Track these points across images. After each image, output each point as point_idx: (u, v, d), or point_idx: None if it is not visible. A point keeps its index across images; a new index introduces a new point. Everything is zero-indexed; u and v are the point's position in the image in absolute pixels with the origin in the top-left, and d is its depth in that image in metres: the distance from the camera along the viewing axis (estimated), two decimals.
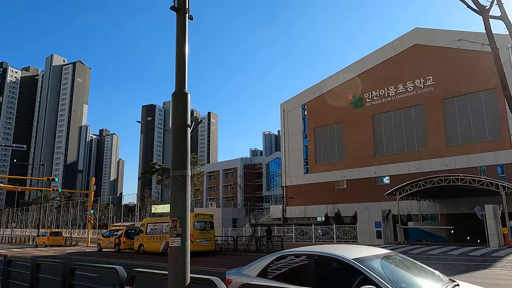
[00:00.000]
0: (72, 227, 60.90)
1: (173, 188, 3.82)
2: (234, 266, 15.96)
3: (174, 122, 4.00)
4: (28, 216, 78.61)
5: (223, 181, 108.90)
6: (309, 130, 44.56)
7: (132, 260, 20.19)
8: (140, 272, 4.63)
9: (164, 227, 23.68)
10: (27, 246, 40.70)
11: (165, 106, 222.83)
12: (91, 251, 29.09)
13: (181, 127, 3.95)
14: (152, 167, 54.13)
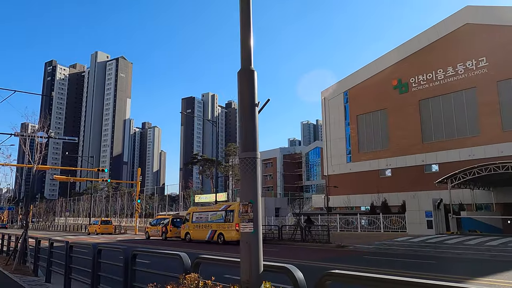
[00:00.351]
0: (120, 216, 63.53)
1: (242, 171, 3.62)
2: (283, 255, 15.90)
3: (241, 102, 3.79)
4: (80, 205, 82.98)
5: (262, 171, 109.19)
6: (351, 118, 43.35)
7: (181, 248, 20.60)
8: (206, 259, 4.50)
9: (209, 216, 23.99)
10: (80, 234, 42.95)
11: (203, 99, 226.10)
12: (140, 239, 30.11)
13: (248, 107, 3.73)
14: (194, 157, 55.13)
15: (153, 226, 30.46)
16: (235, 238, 21.91)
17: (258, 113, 3.81)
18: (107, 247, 7.24)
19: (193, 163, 54.30)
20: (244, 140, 3.71)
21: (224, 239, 22.33)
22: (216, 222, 23.29)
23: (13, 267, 11.60)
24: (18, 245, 12.71)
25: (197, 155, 56.38)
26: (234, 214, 22.25)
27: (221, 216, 23.19)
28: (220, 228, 22.80)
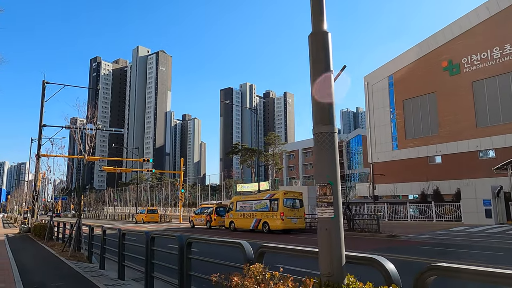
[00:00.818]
0: (164, 205, 65.31)
1: (318, 148, 3.14)
2: None
3: (313, 69, 3.29)
4: (126, 195, 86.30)
5: (302, 160, 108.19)
6: (396, 103, 41.45)
7: (228, 236, 20.55)
8: (271, 248, 4.08)
9: (253, 205, 23.78)
10: (128, 222, 44.52)
11: (241, 89, 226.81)
12: (185, 228, 30.58)
13: (322, 74, 3.23)
14: (235, 147, 55.28)
15: (197, 215, 30.80)
16: (281, 227, 21.57)
17: (334, 80, 3.30)
18: (160, 235, 7.05)
19: (234, 153, 54.42)
20: (318, 112, 3.22)
21: (269, 228, 22.05)
22: (260, 211, 23.05)
23: (69, 253, 11.90)
24: (72, 233, 13.07)
25: (238, 145, 56.40)
26: (278, 203, 21.87)
27: (265, 205, 22.91)
28: (264, 217, 22.54)
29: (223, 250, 12.12)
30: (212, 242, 5.30)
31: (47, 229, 17.86)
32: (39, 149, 25.27)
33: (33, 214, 26.65)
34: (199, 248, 11.94)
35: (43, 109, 26.99)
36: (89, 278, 7.98)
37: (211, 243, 5.34)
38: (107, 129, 43.82)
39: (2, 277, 8.22)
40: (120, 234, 8.66)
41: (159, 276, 7.07)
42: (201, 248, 12.19)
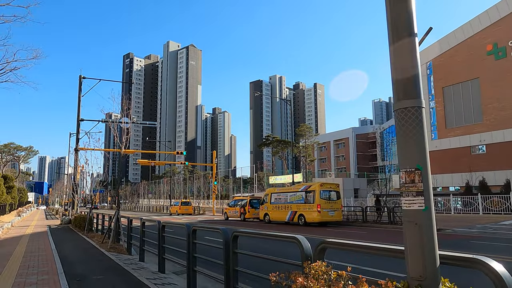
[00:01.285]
0: (197, 197, 66.08)
1: (402, 126, 2.61)
2: (377, 238, 14.64)
3: (392, 32, 2.75)
4: (160, 188, 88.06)
5: (334, 152, 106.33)
6: (436, 90, 39.51)
7: (265, 229, 20.22)
8: (335, 244, 3.59)
9: (288, 197, 23.31)
10: (162, 214, 45.24)
11: (271, 81, 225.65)
12: (219, 220, 30.58)
13: (404, 37, 2.69)
14: (267, 139, 54.81)
15: (231, 207, 30.70)
16: (317, 220, 21.01)
17: (418, 44, 2.74)
18: (203, 228, 6.72)
19: (265, 145, 53.93)
20: (401, 84, 2.68)
21: (305, 221, 21.53)
22: (296, 203, 22.55)
23: (109, 245, 11.91)
24: (111, 225, 13.11)
25: (269, 137, 55.89)
26: (315, 195, 21.29)
27: (301, 197, 22.38)
28: (300, 209, 22.03)
29: (268, 245, 11.73)
30: (262, 236, 4.87)
31: (87, 220, 18.17)
32: (77, 142, 25.86)
33: (73, 206, 27.41)
34: (240, 242, 11.64)
35: (80, 104, 27.58)
36: (130, 271, 7.81)
37: (261, 237, 4.91)
38: (141, 122, 44.82)
39: (45, 268, 8.21)
40: (160, 227, 8.43)
41: (202, 270, 6.76)
42: (241, 241, 11.88)
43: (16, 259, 9.84)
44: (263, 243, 10.70)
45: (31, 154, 70.63)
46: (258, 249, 5.21)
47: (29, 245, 13.24)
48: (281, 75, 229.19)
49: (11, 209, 36.93)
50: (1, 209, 27.94)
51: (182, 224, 7.39)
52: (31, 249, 11.86)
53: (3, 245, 13.75)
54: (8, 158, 68.95)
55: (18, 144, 68.05)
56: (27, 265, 8.66)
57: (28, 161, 76.24)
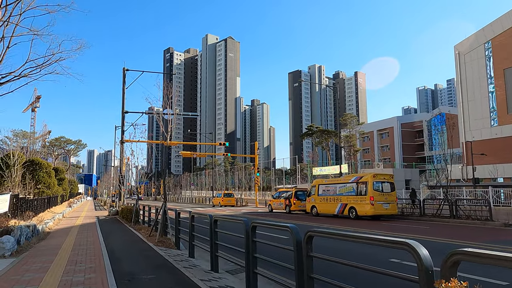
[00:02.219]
0: (239, 189, 65.92)
1: None
2: (446, 234, 13.18)
3: None
4: (202, 179, 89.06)
5: (378, 142, 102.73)
6: (495, 72, 36.25)
7: (313, 222, 19.22)
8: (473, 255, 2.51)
9: (338, 189, 22.08)
10: (205, 206, 45.37)
11: (310, 71, 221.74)
12: (263, 212, 29.88)
13: None
14: (309, 129, 53.27)
15: (275, 199, 29.88)
16: (370, 213, 19.66)
17: None
18: (264, 224, 5.83)
19: (308, 135, 52.40)
20: None
21: (357, 214, 20.25)
22: (346, 195, 21.28)
23: (156, 239, 11.41)
24: (159, 217, 12.65)
25: (312, 127, 54.24)
26: (367, 187, 19.93)
27: (351, 188, 21.07)
28: (351, 202, 20.75)
29: (347, 245, 10.59)
30: (348, 238, 3.86)
31: (134, 212, 18.02)
32: (123, 134, 25.99)
33: (119, 197, 27.75)
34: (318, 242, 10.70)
35: (125, 96, 27.69)
36: (182, 270, 7.11)
37: (346, 239, 3.91)
38: (184, 113, 45.34)
39: (93, 265, 7.71)
40: (212, 221, 7.66)
41: (264, 273, 5.91)
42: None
43: (65, 252, 9.51)
44: (340, 242, 9.62)
45: (80, 147, 73.64)
46: (336, 252, 4.21)
47: (78, 237, 13.08)
48: (321, 65, 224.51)
49: (63, 200, 38.33)
50: (53, 200, 28.83)
51: (239, 219, 6.56)
52: (79, 242, 11.62)
53: (54, 236, 13.72)
54: (59, 152, 72.24)
55: (67, 138, 71.11)
56: (75, 260, 8.22)
57: (77, 154, 79.64)
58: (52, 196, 28.20)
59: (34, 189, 26.87)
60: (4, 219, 11.70)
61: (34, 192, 26.33)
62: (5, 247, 9.25)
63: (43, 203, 22.59)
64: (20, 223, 12.52)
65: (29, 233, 11.84)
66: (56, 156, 69.77)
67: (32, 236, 12.33)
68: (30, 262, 8.14)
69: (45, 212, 22.96)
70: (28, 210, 15.58)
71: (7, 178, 23.60)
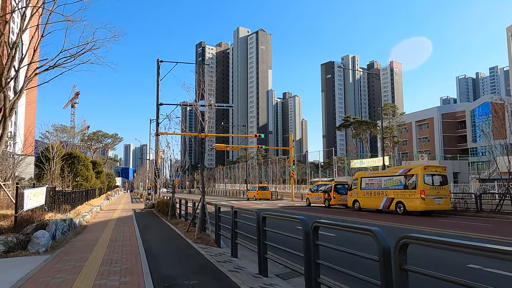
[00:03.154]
0: (273, 182, 65.09)
1: None
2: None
3: None
4: (235, 172, 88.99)
5: (416, 134, 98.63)
6: None
7: (359, 218, 17.98)
8: None
9: (383, 182, 20.62)
10: (239, 199, 44.78)
11: (343, 62, 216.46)
12: (301, 206, 28.81)
13: None
14: (346, 120, 51.33)
15: (313, 192, 28.70)
16: (421, 208, 18.13)
17: None
18: (327, 224, 4.79)
19: (345, 126, 50.50)
20: None
21: (405, 209, 18.77)
22: (392, 188, 19.81)
23: (195, 235, 10.66)
24: (196, 211, 11.93)
25: (349, 117, 52.20)
26: (417, 180, 18.38)
27: (398, 181, 19.58)
28: (398, 196, 19.28)
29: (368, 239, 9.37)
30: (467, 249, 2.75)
31: (170, 206, 17.50)
32: (158, 126, 25.64)
33: (155, 190, 27.55)
34: (336, 233, 9.60)
35: (159, 88, 27.33)
36: (227, 274, 6.23)
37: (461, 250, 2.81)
38: (219, 105, 45.30)
39: (129, 265, 6.99)
40: (260, 219, 6.71)
41: (330, 283, 4.90)
42: (337, 233, 9.71)
43: (100, 249, 8.91)
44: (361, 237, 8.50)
45: (117, 141, 75.24)
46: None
47: (114, 231, 12.59)
48: (354, 55, 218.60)
49: (101, 193, 38.92)
50: (91, 193, 29.08)
51: (294, 217, 5.57)
52: (116, 237, 11.06)
53: (91, 230, 13.32)
54: (97, 146, 74.13)
55: (104, 132, 72.79)
56: (110, 259, 7.55)
57: (114, 147, 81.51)
58: (90, 189, 28.44)
59: (73, 182, 27.13)
60: (40, 212, 11.33)
61: (73, 185, 26.57)
62: (39, 242, 8.75)
63: (81, 196, 22.63)
64: (57, 217, 12.16)
65: (65, 227, 11.42)
66: (94, 150, 71.61)
67: (69, 230, 11.93)
68: (64, 260, 7.55)
69: (83, 205, 23.00)
70: (65, 203, 15.34)
71: (46, 171, 23.87)
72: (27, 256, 8.11)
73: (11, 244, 8.43)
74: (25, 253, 8.36)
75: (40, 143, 43.05)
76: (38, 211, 11.36)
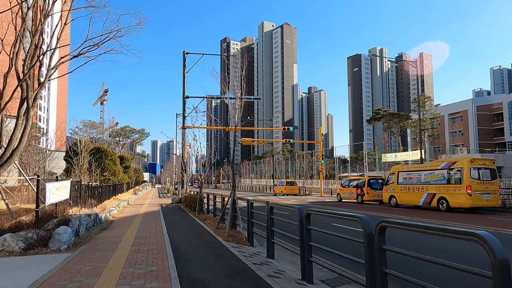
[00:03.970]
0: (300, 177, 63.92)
1: None
2: None
3: None
4: (261, 167, 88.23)
5: (449, 127, 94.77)
6: None
7: (404, 215, 16.75)
8: None
9: (423, 176, 19.21)
10: (266, 194, 43.95)
11: (371, 54, 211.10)
12: (331, 201, 27.65)
13: None
14: (377, 113, 49.39)
15: (344, 187, 27.46)
16: (467, 205, 16.68)
17: None
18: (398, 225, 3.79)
19: (376, 119, 48.60)
20: None
21: (449, 205, 17.35)
22: (434, 183, 18.40)
23: (226, 232, 9.85)
24: (226, 206, 11.13)
25: (380, 110, 50.15)
26: (463, 174, 16.93)
27: (441, 176, 18.14)
28: (440, 191, 17.86)
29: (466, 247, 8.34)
30: None
31: (197, 201, 16.84)
32: (184, 119, 25.09)
33: (182, 185, 27.08)
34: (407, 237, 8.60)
35: (185, 81, 26.75)
36: (266, 280, 5.34)
37: None
38: (246, 97, 44.54)
39: (155, 267, 6.22)
40: (303, 216, 5.78)
41: None
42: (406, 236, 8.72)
43: (125, 247, 8.24)
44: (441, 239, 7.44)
45: (144, 136, 75.94)
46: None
47: (140, 227, 11.97)
48: (382, 47, 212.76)
49: (128, 188, 39.03)
50: (119, 188, 28.97)
51: (349, 216, 4.61)
52: (141, 234, 10.41)
53: (116, 225, 12.78)
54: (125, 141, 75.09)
55: (132, 127, 73.58)
56: (135, 260, 6.82)
57: (141, 143, 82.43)
58: (117, 184, 28.31)
59: (100, 176, 27.02)
60: (64, 207, 10.83)
61: (100, 179, 26.46)
62: (61, 239, 8.16)
63: (108, 191, 22.38)
64: (81, 212, 11.65)
65: (90, 223, 10.87)
66: (122, 145, 72.53)
67: (94, 225, 11.40)
68: (84, 260, 6.88)
69: (111, 199, 22.77)
70: (91, 197, 14.91)
71: (75, 165, 23.78)
72: (47, 254, 7.52)
73: (31, 240, 7.87)
74: (45, 250, 7.78)
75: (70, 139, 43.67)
76: (61, 205, 10.86)
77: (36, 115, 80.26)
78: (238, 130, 13.37)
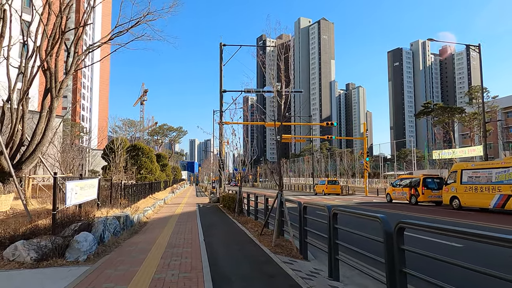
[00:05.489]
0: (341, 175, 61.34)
1: None
2: None
3: None
4: (299, 165, 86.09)
5: (502, 123, 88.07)
6: None
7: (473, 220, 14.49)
8: None
9: (493, 175, 16.69)
10: (307, 194, 42.01)
11: (412, 48, 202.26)
12: (380, 202, 25.38)
13: None
14: (426, 106, 45.92)
15: (395, 187, 25.12)
16: None
17: None
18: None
19: (425, 113, 45.17)
20: None
21: None
22: (509, 183, 15.88)
23: (273, 242, 8.26)
24: (271, 208, 9.55)
25: (429, 103, 46.59)
26: None
27: None
28: None
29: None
30: None
31: (236, 201, 15.41)
32: (221, 114, 23.81)
33: (220, 183, 25.87)
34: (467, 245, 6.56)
35: (222, 74, 25.47)
36: None
37: None
38: (295, 91, 42.80)
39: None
40: (394, 231, 4.06)
41: None
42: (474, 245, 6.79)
43: (153, 259, 6.85)
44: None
45: (181, 134, 76.08)
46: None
47: (174, 231, 10.65)
48: (424, 40, 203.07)
49: (166, 186, 38.47)
50: (156, 186, 28.18)
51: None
52: (175, 241, 9.03)
53: (149, 229, 11.55)
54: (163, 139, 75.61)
55: (169, 125, 73.91)
56: (163, 280, 5.38)
57: (179, 141, 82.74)
58: (154, 182, 27.53)
59: (137, 174, 26.33)
60: (90, 208, 9.68)
61: (137, 177, 25.74)
62: (80, 248, 6.89)
63: (144, 189, 21.47)
64: (110, 213, 10.49)
65: (118, 226, 9.66)
66: (160, 144, 73.02)
67: (123, 229, 10.20)
68: (104, 277, 5.54)
69: (147, 198, 21.88)
70: (122, 197, 13.82)
71: (112, 163, 23.14)
72: (62, 267, 6.26)
73: (46, 249, 6.64)
74: (61, 261, 6.53)
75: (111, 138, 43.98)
76: (88, 206, 9.72)
77: (79, 115, 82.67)
78: (278, 126, 11.83)
